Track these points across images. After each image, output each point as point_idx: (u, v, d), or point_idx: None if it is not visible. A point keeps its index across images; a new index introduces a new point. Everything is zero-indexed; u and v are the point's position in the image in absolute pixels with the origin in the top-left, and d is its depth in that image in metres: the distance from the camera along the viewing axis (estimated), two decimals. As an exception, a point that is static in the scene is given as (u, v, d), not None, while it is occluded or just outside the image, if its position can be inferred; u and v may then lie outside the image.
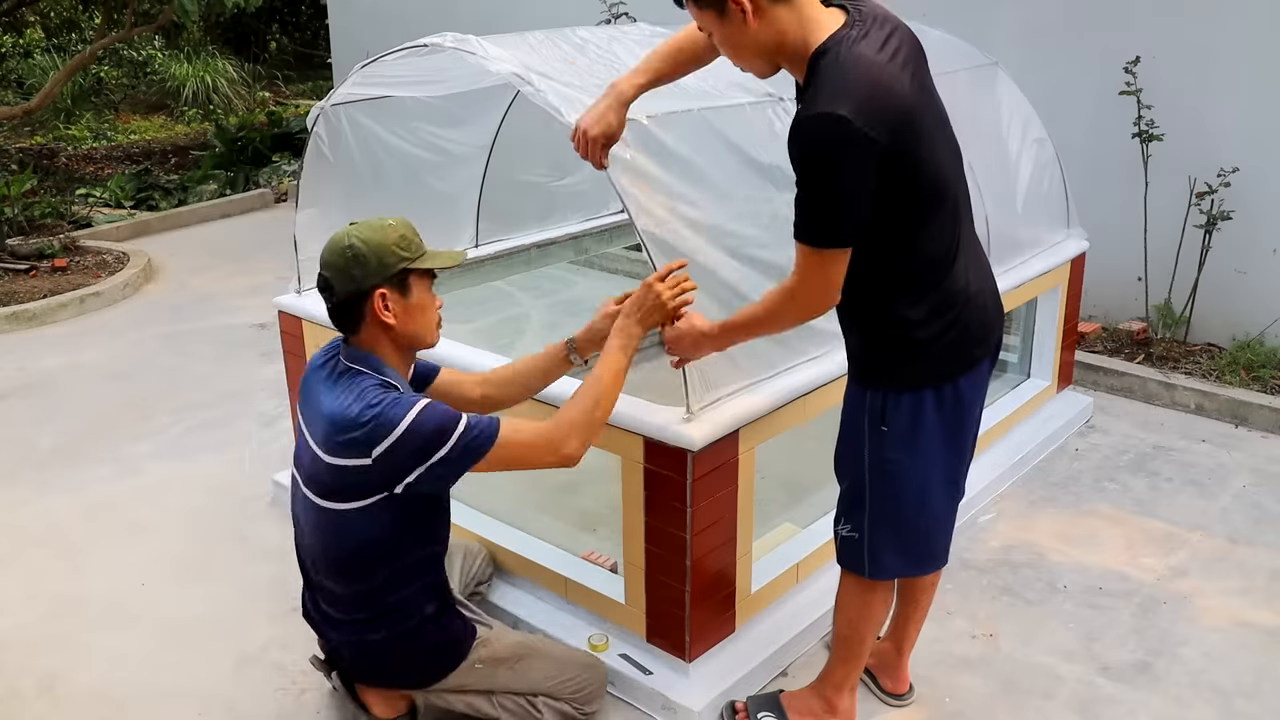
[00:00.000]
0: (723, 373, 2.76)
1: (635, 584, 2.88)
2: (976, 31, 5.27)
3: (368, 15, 9.46)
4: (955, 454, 2.47)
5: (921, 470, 2.41)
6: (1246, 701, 2.88)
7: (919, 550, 2.53)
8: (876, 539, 2.49)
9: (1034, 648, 3.11)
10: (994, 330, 2.43)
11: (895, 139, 2.04)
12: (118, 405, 4.98)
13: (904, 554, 2.52)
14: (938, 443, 2.40)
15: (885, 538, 2.49)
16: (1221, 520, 3.80)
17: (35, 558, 3.70)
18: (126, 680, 3.05)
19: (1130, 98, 4.96)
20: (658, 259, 2.62)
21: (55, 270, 6.80)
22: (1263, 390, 4.65)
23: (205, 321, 6.17)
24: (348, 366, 2.45)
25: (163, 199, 8.88)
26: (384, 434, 2.29)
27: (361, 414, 2.31)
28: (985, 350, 2.41)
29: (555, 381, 2.81)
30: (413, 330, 2.50)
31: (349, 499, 2.40)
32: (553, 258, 4.91)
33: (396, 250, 2.43)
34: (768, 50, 2.14)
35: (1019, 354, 4.58)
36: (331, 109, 3.59)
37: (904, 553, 2.52)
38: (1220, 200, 4.83)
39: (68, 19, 14.10)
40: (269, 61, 15.09)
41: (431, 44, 3.01)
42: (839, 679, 2.67)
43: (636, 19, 6.42)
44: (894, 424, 2.37)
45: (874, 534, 2.49)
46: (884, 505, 2.46)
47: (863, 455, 2.45)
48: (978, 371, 2.40)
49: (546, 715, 2.66)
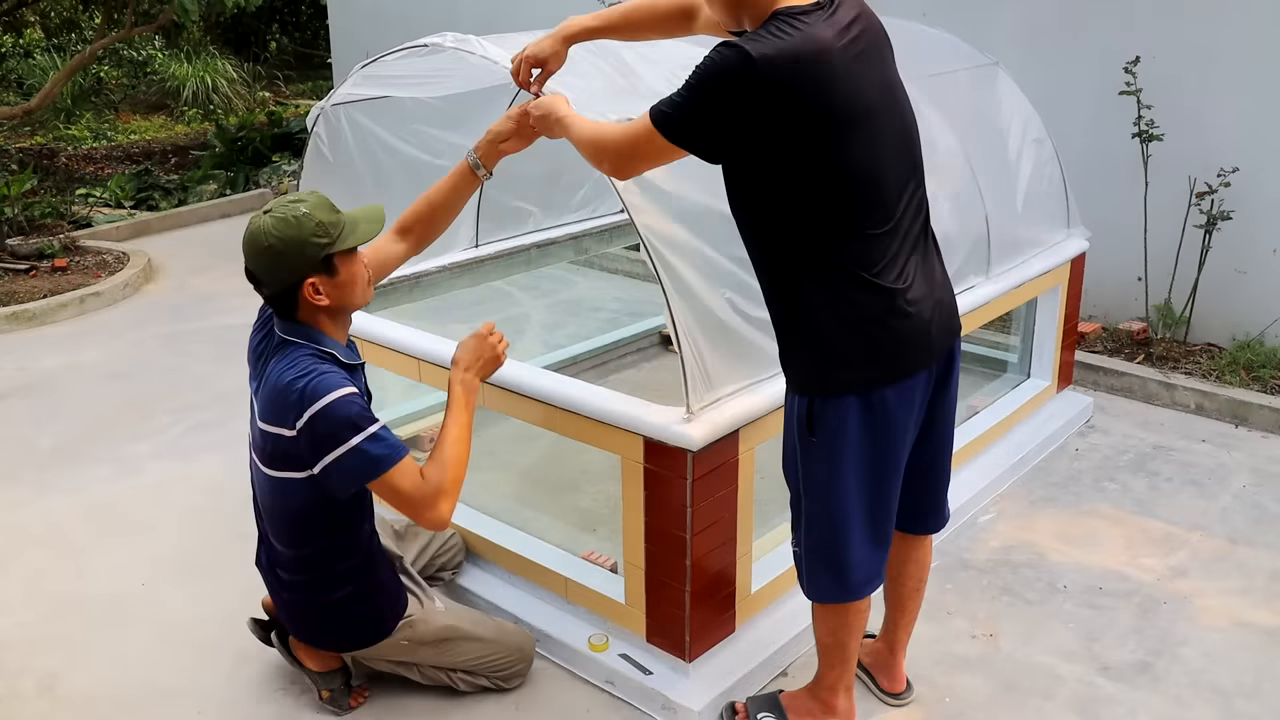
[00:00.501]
0: (723, 373, 2.76)
1: (635, 584, 2.88)
2: (976, 31, 5.27)
3: (368, 15, 9.46)
4: (876, 481, 2.36)
5: (841, 494, 2.34)
6: (1246, 701, 2.88)
7: (845, 579, 2.45)
8: (810, 559, 2.46)
9: (1034, 648, 3.11)
10: (935, 344, 2.33)
11: (802, 113, 2.05)
12: (118, 405, 4.98)
13: (834, 580, 2.46)
14: (857, 461, 2.31)
15: (816, 559, 2.45)
16: (1221, 520, 3.80)
17: (35, 558, 3.70)
18: (126, 680, 3.05)
19: (1130, 98, 4.96)
20: (658, 258, 2.62)
21: (55, 270, 6.80)
22: (1263, 390, 4.65)
23: (205, 321, 6.17)
24: (283, 339, 2.56)
25: (163, 199, 8.87)
26: (306, 406, 2.40)
27: (292, 383, 2.43)
28: (919, 363, 2.31)
29: (470, 197, 2.93)
30: (345, 300, 2.60)
31: (285, 468, 2.52)
32: (553, 258, 4.91)
33: (315, 240, 2.48)
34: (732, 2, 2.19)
35: (1019, 354, 4.58)
36: (331, 109, 3.59)
37: (834, 579, 2.46)
38: (1220, 200, 4.83)
39: (68, 19, 14.10)
40: (269, 61, 15.08)
41: (431, 44, 3.01)
42: (830, 682, 2.65)
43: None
44: (820, 433, 2.31)
45: (808, 554, 2.46)
46: (811, 525, 2.43)
47: (796, 468, 2.42)
48: (908, 387, 2.30)
49: (462, 686, 2.88)
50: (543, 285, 6.43)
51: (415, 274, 4.11)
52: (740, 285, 2.85)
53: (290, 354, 2.50)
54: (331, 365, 2.50)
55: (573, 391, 2.88)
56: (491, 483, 4.01)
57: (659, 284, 2.62)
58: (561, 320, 5.92)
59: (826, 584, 2.47)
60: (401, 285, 4.07)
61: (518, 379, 2.99)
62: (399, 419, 4.22)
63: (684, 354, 2.64)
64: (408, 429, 4.16)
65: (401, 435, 4.09)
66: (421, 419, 4.24)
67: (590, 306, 6.13)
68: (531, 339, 5.60)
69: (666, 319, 2.63)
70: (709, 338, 2.72)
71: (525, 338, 5.62)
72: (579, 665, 3.01)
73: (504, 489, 3.96)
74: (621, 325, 5.58)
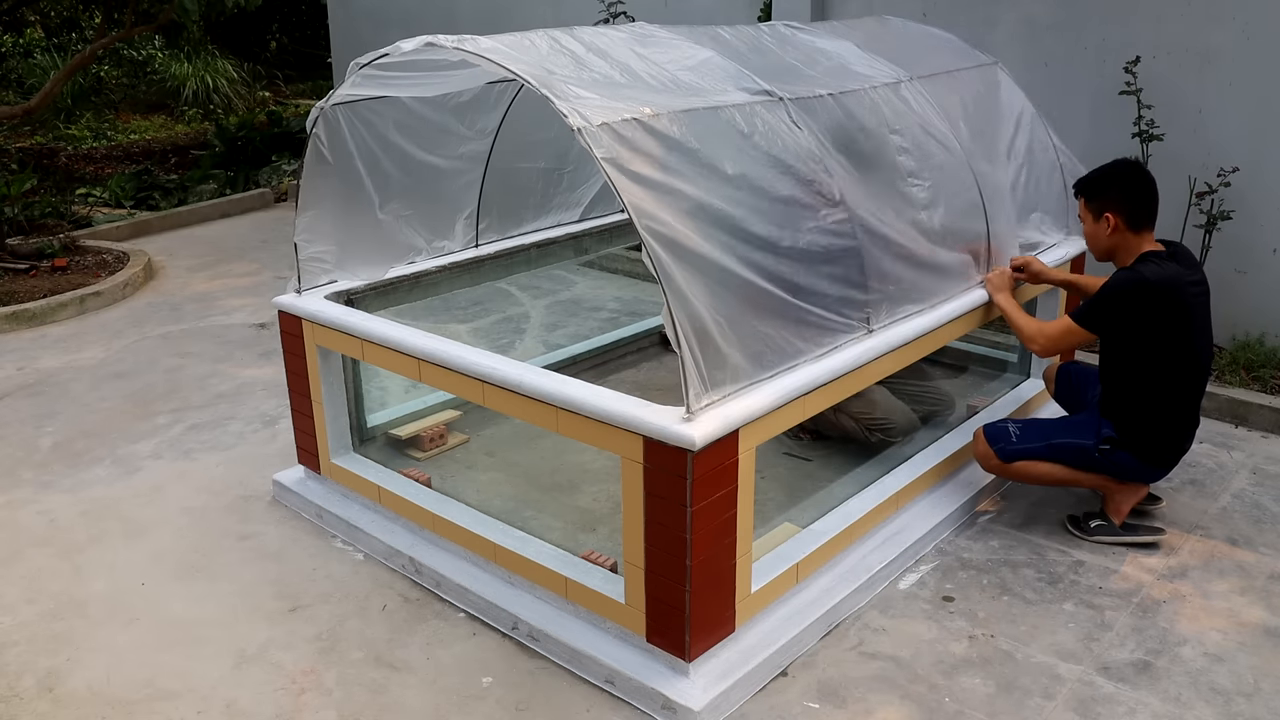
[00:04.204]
0: (722, 373, 2.76)
1: (635, 584, 2.88)
2: (976, 31, 5.27)
3: (368, 15, 9.46)
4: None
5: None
6: (1246, 701, 2.88)
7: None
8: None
9: (1034, 648, 3.11)
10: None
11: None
12: (118, 405, 4.98)
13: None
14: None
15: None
16: (1221, 520, 3.80)
17: (35, 558, 3.70)
18: (126, 680, 3.05)
19: (1130, 98, 4.96)
20: (657, 259, 2.62)
21: (55, 270, 6.80)
22: (1263, 390, 4.65)
23: (205, 321, 6.17)
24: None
25: (163, 199, 8.88)
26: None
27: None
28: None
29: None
30: None
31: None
32: (553, 258, 4.91)
33: None
34: (1104, 250, 3.60)
35: (1019, 354, 4.58)
36: (331, 109, 3.59)
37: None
38: (1220, 200, 4.83)
39: (68, 18, 14.07)
40: (269, 61, 15.08)
41: (431, 44, 3.01)
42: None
43: (635, 18, 6.42)
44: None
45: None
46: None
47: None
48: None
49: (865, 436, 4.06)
50: (543, 285, 6.43)
51: (415, 274, 4.11)
52: (739, 282, 2.86)
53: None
54: None
55: (573, 391, 2.88)
56: (491, 483, 4.01)
57: (659, 284, 2.62)
58: (561, 320, 5.92)
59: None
60: (401, 285, 4.07)
61: (518, 379, 2.98)
62: (399, 419, 4.22)
63: (683, 354, 2.64)
64: (408, 429, 4.16)
65: (401, 435, 4.12)
66: (422, 419, 4.24)
67: (590, 306, 6.13)
68: (531, 339, 5.60)
69: (666, 319, 2.63)
70: (708, 338, 2.72)
71: (525, 338, 5.62)
72: (579, 665, 3.01)
73: (504, 489, 3.96)
74: (621, 325, 5.58)
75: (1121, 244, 3.53)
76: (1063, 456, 3.60)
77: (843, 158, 3.37)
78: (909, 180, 3.59)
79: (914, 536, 3.55)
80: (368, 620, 3.28)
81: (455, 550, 3.44)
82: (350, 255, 3.89)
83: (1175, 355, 3.45)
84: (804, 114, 3.34)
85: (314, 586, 3.47)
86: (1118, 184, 3.52)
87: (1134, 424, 3.54)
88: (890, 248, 3.38)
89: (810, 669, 3.02)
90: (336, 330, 3.55)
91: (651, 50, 3.34)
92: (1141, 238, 3.51)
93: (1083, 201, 3.60)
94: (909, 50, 4.26)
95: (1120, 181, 3.53)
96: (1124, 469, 3.58)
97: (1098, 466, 3.58)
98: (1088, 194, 3.58)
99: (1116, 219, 3.49)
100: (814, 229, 3.14)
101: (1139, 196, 3.50)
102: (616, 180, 2.64)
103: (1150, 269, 3.40)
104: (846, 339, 3.18)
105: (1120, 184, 3.52)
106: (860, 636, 3.16)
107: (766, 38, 3.86)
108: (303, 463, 3.99)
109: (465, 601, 3.32)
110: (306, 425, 3.87)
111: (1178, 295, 3.39)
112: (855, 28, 4.38)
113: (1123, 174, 3.55)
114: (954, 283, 3.68)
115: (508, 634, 3.19)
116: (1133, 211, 3.49)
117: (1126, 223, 3.49)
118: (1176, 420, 3.55)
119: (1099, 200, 3.54)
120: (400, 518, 3.62)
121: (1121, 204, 3.49)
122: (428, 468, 3.95)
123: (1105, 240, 3.54)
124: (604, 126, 2.71)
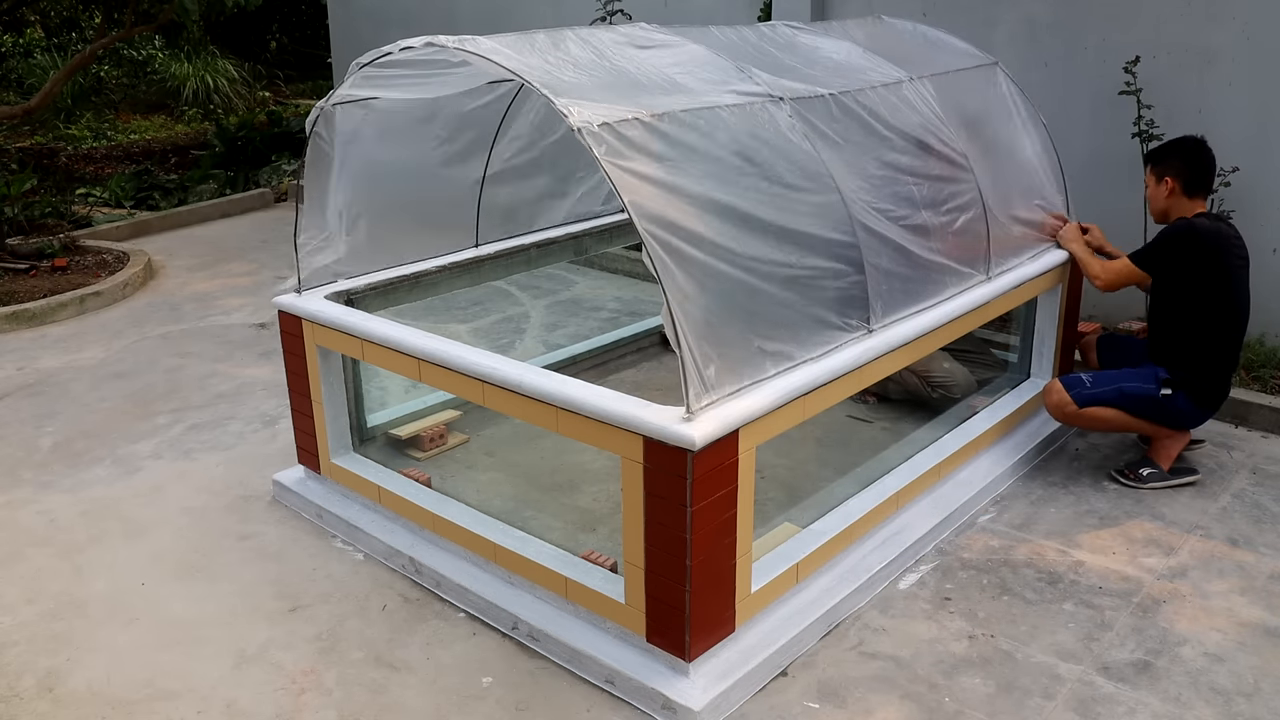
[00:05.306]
0: (722, 373, 2.76)
1: (635, 584, 2.88)
2: (976, 31, 5.27)
3: (368, 15, 9.46)
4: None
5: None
6: (1246, 701, 2.88)
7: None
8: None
9: (1034, 648, 3.11)
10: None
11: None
12: (118, 405, 4.98)
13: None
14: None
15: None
16: (1221, 520, 3.80)
17: (35, 558, 3.70)
18: (126, 680, 3.05)
19: (1130, 98, 4.95)
20: (657, 259, 2.62)
21: (55, 270, 6.80)
22: (1263, 390, 4.65)
23: (205, 321, 6.17)
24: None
25: (163, 199, 8.88)
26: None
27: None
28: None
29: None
30: None
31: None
32: (553, 258, 4.91)
33: None
34: (1160, 211, 4.03)
35: (1019, 354, 4.58)
36: (331, 109, 3.59)
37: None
38: (1220, 200, 4.83)
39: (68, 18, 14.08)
40: (269, 61, 15.07)
41: (432, 44, 3.01)
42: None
43: (632, 17, 6.43)
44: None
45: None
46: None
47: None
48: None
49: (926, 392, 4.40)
50: (543, 285, 6.43)
51: (415, 274, 4.11)
52: (739, 281, 2.86)
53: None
54: None
55: (573, 391, 2.88)
56: (491, 483, 4.01)
57: (659, 284, 2.62)
58: (561, 320, 5.92)
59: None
60: (401, 285, 4.07)
61: (518, 379, 2.98)
62: (399, 419, 4.22)
63: (683, 354, 2.64)
64: (408, 429, 4.16)
65: (401, 435, 4.12)
66: (421, 419, 4.24)
67: (590, 306, 6.14)
68: (531, 339, 5.60)
69: (665, 319, 2.63)
70: (708, 338, 2.72)
71: (525, 338, 5.62)
72: (579, 665, 3.01)
73: (504, 489, 3.96)
74: (621, 325, 5.58)
75: (1175, 206, 3.97)
76: (1129, 402, 3.92)
77: (842, 158, 3.37)
78: (909, 180, 3.59)
79: (914, 536, 3.55)
80: (368, 620, 3.28)
81: (455, 550, 3.44)
82: (350, 255, 3.89)
83: (1218, 300, 3.85)
84: (804, 114, 3.35)
85: (314, 586, 3.47)
86: (1180, 153, 3.98)
87: (1183, 365, 3.91)
88: (890, 247, 3.38)
89: (810, 669, 3.02)
90: (336, 330, 3.55)
91: (652, 51, 3.34)
92: (1194, 203, 3.96)
93: (1149, 167, 4.05)
94: (909, 50, 4.26)
95: (1182, 151, 3.98)
96: (1181, 414, 3.94)
97: (1158, 411, 3.92)
98: (1154, 160, 4.04)
99: (1175, 183, 3.95)
100: (814, 229, 3.14)
101: (1197, 166, 3.94)
102: (617, 180, 2.64)
103: (1201, 221, 3.88)
104: (846, 339, 3.18)
105: (1182, 153, 3.97)
106: (860, 636, 3.16)
107: (766, 38, 3.86)
108: (303, 463, 3.99)
109: (465, 601, 3.32)
110: (306, 425, 3.87)
111: (1223, 247, 3.84)
112: (855, 28, 4.38)
113: (1186, 146, 3.99)
114: (954, 282, 3.68)
115: (508, 634, 3.19)
116: (1190, 178, 3.93)
117: (1183, 187, 3.94)
118: (1220, 360, 3.93)
119: (1162, 165, 3.99)
120: (400, 518, 3.62)
121: (1181, 170, 3.94)
122: (428, 468, 3.95)
123: (1163, 201, 3.99)
124: (605, 126, 2.71)
